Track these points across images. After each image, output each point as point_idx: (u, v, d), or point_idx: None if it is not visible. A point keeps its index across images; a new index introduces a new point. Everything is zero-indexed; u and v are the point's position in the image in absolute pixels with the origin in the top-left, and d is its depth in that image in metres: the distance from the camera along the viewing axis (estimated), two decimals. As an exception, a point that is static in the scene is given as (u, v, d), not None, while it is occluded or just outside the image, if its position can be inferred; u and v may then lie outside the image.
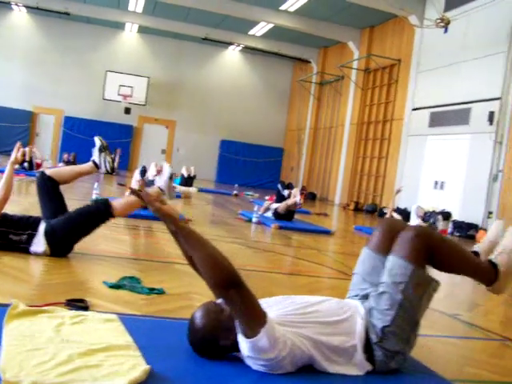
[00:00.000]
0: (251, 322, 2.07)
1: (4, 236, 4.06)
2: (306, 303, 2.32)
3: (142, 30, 22.12)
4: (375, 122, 16.98)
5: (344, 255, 6.70)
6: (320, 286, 4.63)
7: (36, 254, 4.09)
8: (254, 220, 8.76)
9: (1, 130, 20.82)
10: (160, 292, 3.48)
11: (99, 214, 4.20)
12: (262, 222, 8.76)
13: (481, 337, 3.56)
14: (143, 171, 8.30)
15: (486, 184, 11.59)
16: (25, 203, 7.43)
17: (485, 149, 11.72)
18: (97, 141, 4.67)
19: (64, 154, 18.49)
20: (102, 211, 4.19)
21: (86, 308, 2.89)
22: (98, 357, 2.10)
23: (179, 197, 12.49)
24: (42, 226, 4.12)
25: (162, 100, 22.71)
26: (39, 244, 4.09)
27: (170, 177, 4.76)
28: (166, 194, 4.73)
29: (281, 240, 7.42)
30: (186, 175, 14.96)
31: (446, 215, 12.31)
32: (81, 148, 18.79)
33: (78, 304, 2.91)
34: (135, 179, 8.35)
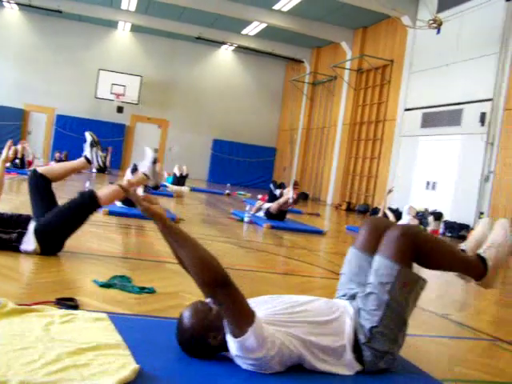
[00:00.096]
0: (239, 321, 2.06)
1: (-6, 234, 4.04)
2: (295, 303, 2.31)
3: (135, 29, 22.08)
4: (368, 123, 17.01)
5: (336, 255, 6.70)
6: (312, 286, 4.63)
7: (26, 253, 4.07)
8: (246, 219, 8.75)
9: (-8, 128, 20.75)
10: (151, 291, 3.47)
11: (85, 206, 4.18)
12: (254, 222, 8.76)
13: (471, 337, 3.56)
14: (134, 169, 8.26)
15: (478, 185, 11.63)
16: (16, 202, 7.39)
17: (476, 150, 11.76)
18: (88, 136, 4.64)
19: (56, 153, 18.43)
20: (88, 203, 4.18)
21: (76, 307, 2.87)
22: (87, 356, 2.08)
23: (171, 196, 12.48)
24: (32, 225, 4.10)
25: (155, 99, 22.68)
26: (29, 242, 4.07)
27: (154, 161, 4.63)
28: (151, 179, 4.63)
29: (273, 240, 7.42)
30: (179, 174, 14.93)
31: (438, 215, 12.35)
32: (73, 146, 18.72)
33: (68, 303, 2.89)
34: (127, 178, 8.32)
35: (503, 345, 3.40)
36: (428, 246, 2.38)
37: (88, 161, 4.59)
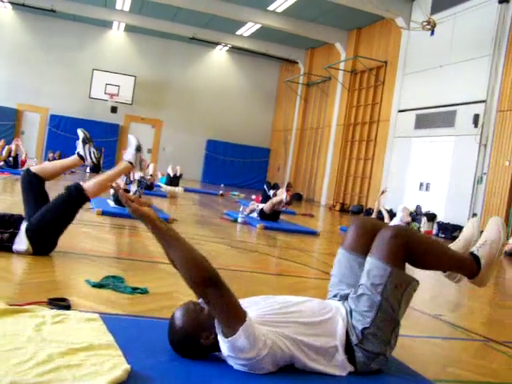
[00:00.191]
0: (230, 321, 2.06)
1: (-14, 235, 4.02)
2: (288, 303, 2.31)
3: (130, 29, 22.04)
4: (361, 124, 17.03)
5: (329, 256, 6.70)
6: (305, 287, 4.63)
7: (18, 253, 4.05)
8: (240, 220, 8.75)
9: (-15, 128, 20.66)
10: (143, 291, 3.46)
11: (74, 201, 4.17)
12: (248, 223, 8.75)
13: (464, 337, 3.57)
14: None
15: (471, 186, 11.67)
16: (8, 201, 7.36)
17: (470, 151, 11.80)
18: (80, 133, 4.62)
19: (49, 153, 18.36)
20: (75, 197, 4.16)
21: (68, 307, 2.85)
22: (79, 356, 2.07)
23: (165, 196, 12.46)
24: (24, 225, 4.08)
25: (149, 99, 22.64)
26: (21, 242, 4.05)
27: (138, 148, 4.58)
28: (136, 167, 4.58)
29: (266, 240, 7.42)
30: (172, 175, 14.91)
31: (431, 217, 12.39)
32: (66, 146, 18.62)
33: (60, 303, 2.87)
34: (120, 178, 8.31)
35: (496, 345, 3.40)
36: (420, 247, 2.37)
37: (81, 158, 4.56)
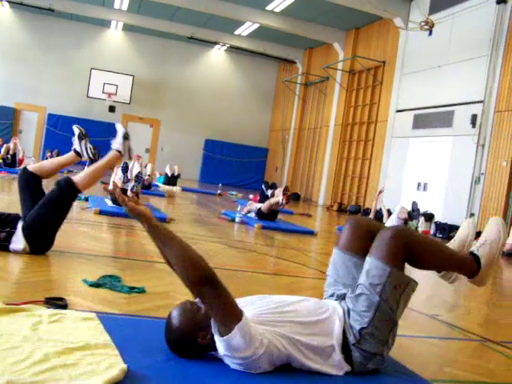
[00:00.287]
0: (225, 320, 2.06)
1: (-18, 234, 4.01)
2: (284, 302, 2.31)
3: (128, 28, 22.02)
4: (359, 124, 17.03)
5: (326, 255, 6.69)
6: (302, 286, 4.63)
7: (16, 252, 4.04)
8: (238, 220, 8.74)
9: (-18, 127, 20.63)
10: (140, 291, 3.46)
11: (65, 195, 4.15)
12: (246, 222, 8.75)
13: (461, 337, 3.57)
14: (125, 167, 8.25)
15: (469, 186, 11.68)
16: (6, 201, 7.35)
17: (467, 151, 11.81)
18: (75, 129, 4.61)
19: (47, 152, 18.32)
20: (67, 191, 4.14)
21: (65, 306, 2.85)
22: (75, 356, 2.07)
23: (163, 196, 12.45)
24: (21, 224, 4.08)
25: (147, 99, 22.62)
26: (18, 242, 4.04)
27: (125, 136, 4.54)
28: (125, 155, 4.55)
29: (264, 240, 7.42)
30: (170, 174, 14.91)
31: (429, 217, 12.40)
32: (64, 146, 18.50)
33: (57, 302, 2.87)
34: (118, 176, 8.32)
35: (493, 345, 3.41)
36: (420, 247, 2.37)
37: (78, 154, 4.55)
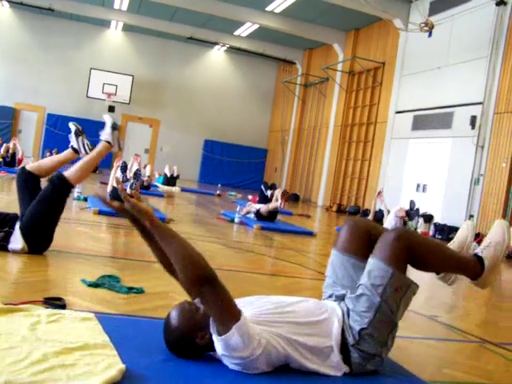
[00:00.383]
0: (224, 319, 2.06)
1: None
2: (282, 303, 2.31)
3: (127, 28, 22.02)
4: (359, 124, 17.04)
5: (325, 256, 6.70)
6: (300, 287, 4.63)
7: (14, 252, 4.04)
8: (237, 220, 8.74)
9: (-18, 127, 20.62)
10: (139, 291, 3.46)
11: (59, 191, 4.15)
12: (245, 223, 8.74)
13: (460, 339, 3.57)
14: (124, 167, 8.26)
15: (468, 187, 11.68)
16: (5, 200, 7.35)
17: (467, 153, 11.82)
18: (72, 126, 4.62)
19: (46, 152, 18.32)
20: (60, 187, 4.14)
21: (64, 306, 2.85)
22: (74, 356, 2.07)
23: (162, 196, 12.45)
24: (19, 223, 4.07)
25: (146, 99, 22.61)
26: (17, 241, 4.04)
27: (114, 127, 4.51)
28: (114, 146, 4.54)
29: (262, 241, 7.41)
30: (169, 175, 14.91)
31: (428, 218, 12.40)
32: (63, 145, 18.34)
33: (56, 302, 2.87)
34: (117, 176, 8.34)
35: (491, 347, 3.41)
36: (423, 249, 2.37)
37: (75, 151, 4.56)
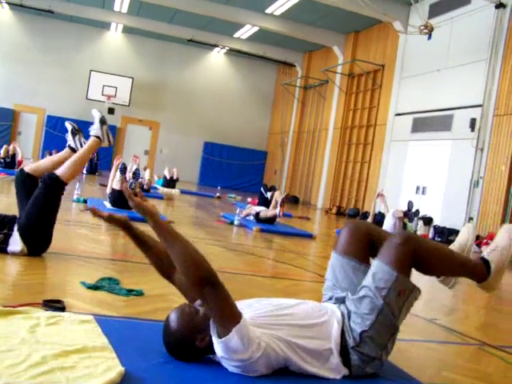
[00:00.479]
0: (224, 321, 2.06)
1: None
2: (282, 305, 2.31)
3: (127, 31, 22.03)
4: (358, 127, 17.04)
5: (325, 259, 6.69)
6: (299, 289, 4.62)
7: (13, 254, 4.03)
8: (236, 223, 8.74)
9: (-18, 128, 20.63)
10: (139, 293, 3.45)
11: (52, 190, 4.14)
12: (244, 225, 8.74)
13: (459, 341, 3.57)
14: (123, 168, 8.26)
15: (467, 190, 11.68)
16: (5, 202, 7.34)
17: (466, 155, 11.82)
18: (68, 125, 4.63)
19: (46, 154, 18.32)
20: (52, 185, 4.14)
21: (63, 309, 2.85)
22: (73, 358, 2.07)
23: (162, 198, 12.45)
24: (17, 225, 4.07)
25: (146, 101, 22.62)
26: (15, 243, 4.04)
27: (102, 121, 4.50)
28: (104, 141, 4.53)
29: (262, 243, 7.41)
30: (169, 177, 14.90)
31: (428, 220, 12.40)
32: (63, 147, 18.33)
33: (55, 305, 2.87)
34: (117, 178, 8.34)
35: (491, 350, 3.40)
36: (428, 254, 2.38)
37: (72, 150, 4.56)
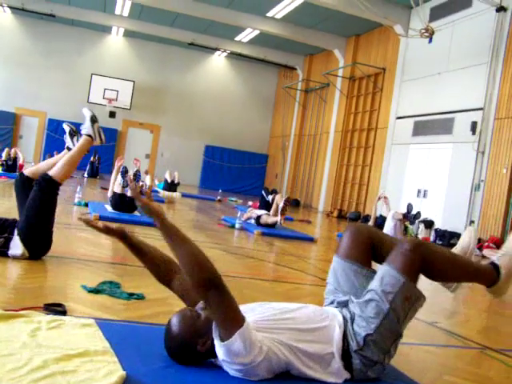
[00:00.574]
0: (228, 324, 2.06)
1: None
2: (284, 309, 2.31)
3: (129, 34, 22.07)
4: (359, 130, 17.04)
5: (326, 262, 6.69)
6: (301, 293, 4.62)
7: (15, 258, 4.04)
8: (237, 226, 8.73)
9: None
10: (139, 297, 3.45)
11: (46, 191, 4.14)
12: (245, 228, 8.74)
13: (460, 345, 3.57)
14: (124, 172, 8.27)
15: (469, 193, 11.68)
16: (6, 206, 7.35)
17: (467, 158, 11.82)
18: (65, 127, 4.63)
19: (47, 157, 18.33)
20: (46, 187, 4.14)
21: (64, 313, 2.85)
22: (74, 362, 2.07)
23: (163, 202, 12.44)
24: (17, 229, 4.07)
25: (147, 104, 22.65)
26: (16, 247, 4.04)
27: (93, 120, 4.45)
28: (96, 139, 4.52)
29: (263, 246, 7.41)
30: (170, 180, 14.89)
31: (429, 223, 12.39)
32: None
33: (56, 308, 2.87)
34: (117, 181, 8.36)
35: (492, 353, 3.40)
36: (438, 262, 2.38)
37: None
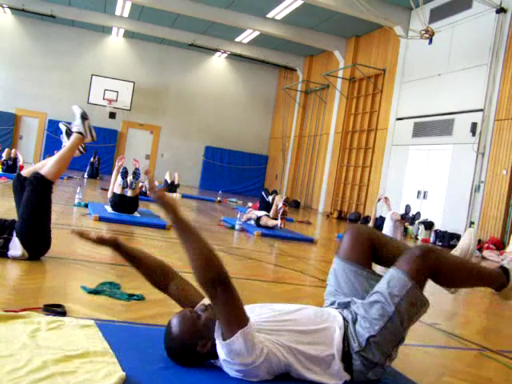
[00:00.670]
0: (231, 323, 2.06)
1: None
2: (284, 311, 2.31)
3: (129, 35, 22.08)
4: (359, 131, 17.05)
5: (326, 263, 6.69)
6: (300, 294, 4.62)
7: (14, 258, 4.04)
8: (237, 227, 8.73)
9: (-17, 133, 20.66)
10: (139, 298, 3.45)
11: (39, 190, 4.14)
12: (245, 229, 8.73)
13: (459, 346, 3.57)
14: (124, 172, 8.28)
15: (468, 194, 11.68)
16: (5, 207, 7.34)
17: (467, 159, 11.83)
18: (62, 127, 4.65)
19: (47, 157, 18.36)
20: (39, 186, 4.13)
21: (64, 313, 2.85)
22: (74, 363, 2.07)
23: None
24: (15, 230, 4.08)
25: (147, 105, 22.65)
26: (16, 248, 4.04)
27: (83, 116, 4.47)
28: (87, 136, 4.52)
29: (263, 247, 7.41)
30: (170, 181, 14.90)
31: (429, 224, 12.39)
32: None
33: (56, 309, 2.87)
34: (117, 182, 8.38)
35: (491, 354, 3.40)
36: (447, 269, 2.38)
37: None
